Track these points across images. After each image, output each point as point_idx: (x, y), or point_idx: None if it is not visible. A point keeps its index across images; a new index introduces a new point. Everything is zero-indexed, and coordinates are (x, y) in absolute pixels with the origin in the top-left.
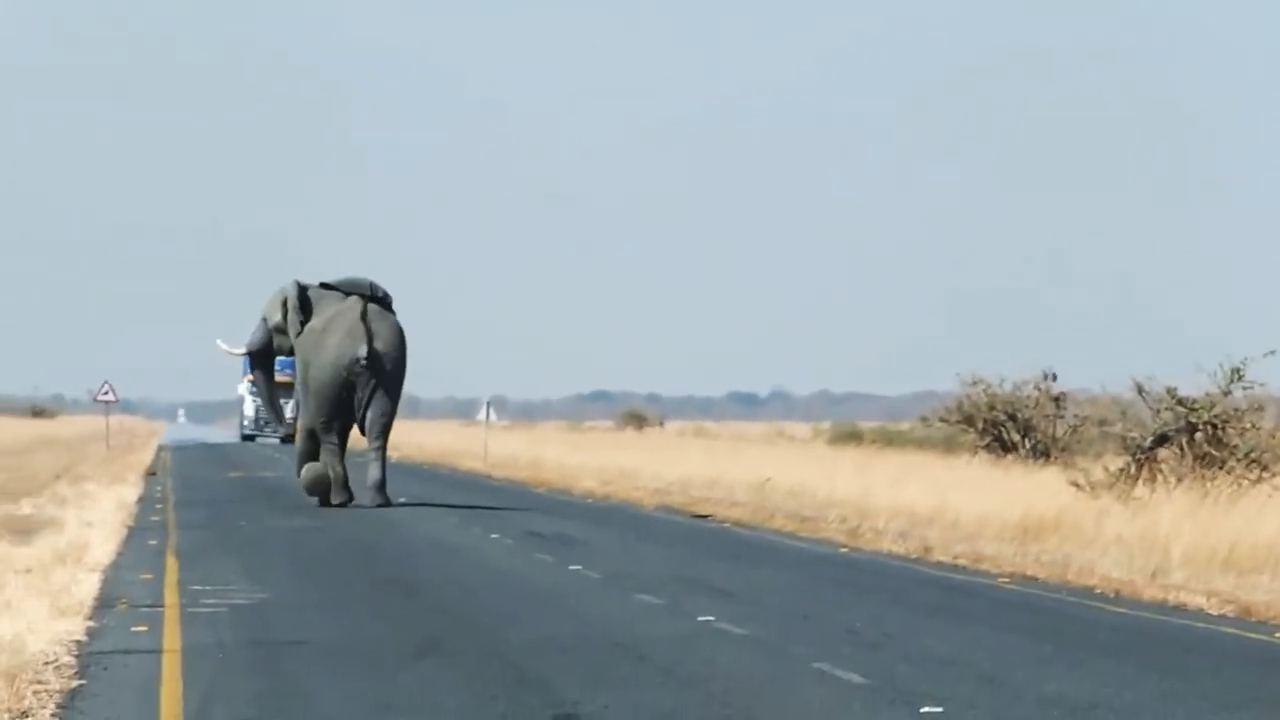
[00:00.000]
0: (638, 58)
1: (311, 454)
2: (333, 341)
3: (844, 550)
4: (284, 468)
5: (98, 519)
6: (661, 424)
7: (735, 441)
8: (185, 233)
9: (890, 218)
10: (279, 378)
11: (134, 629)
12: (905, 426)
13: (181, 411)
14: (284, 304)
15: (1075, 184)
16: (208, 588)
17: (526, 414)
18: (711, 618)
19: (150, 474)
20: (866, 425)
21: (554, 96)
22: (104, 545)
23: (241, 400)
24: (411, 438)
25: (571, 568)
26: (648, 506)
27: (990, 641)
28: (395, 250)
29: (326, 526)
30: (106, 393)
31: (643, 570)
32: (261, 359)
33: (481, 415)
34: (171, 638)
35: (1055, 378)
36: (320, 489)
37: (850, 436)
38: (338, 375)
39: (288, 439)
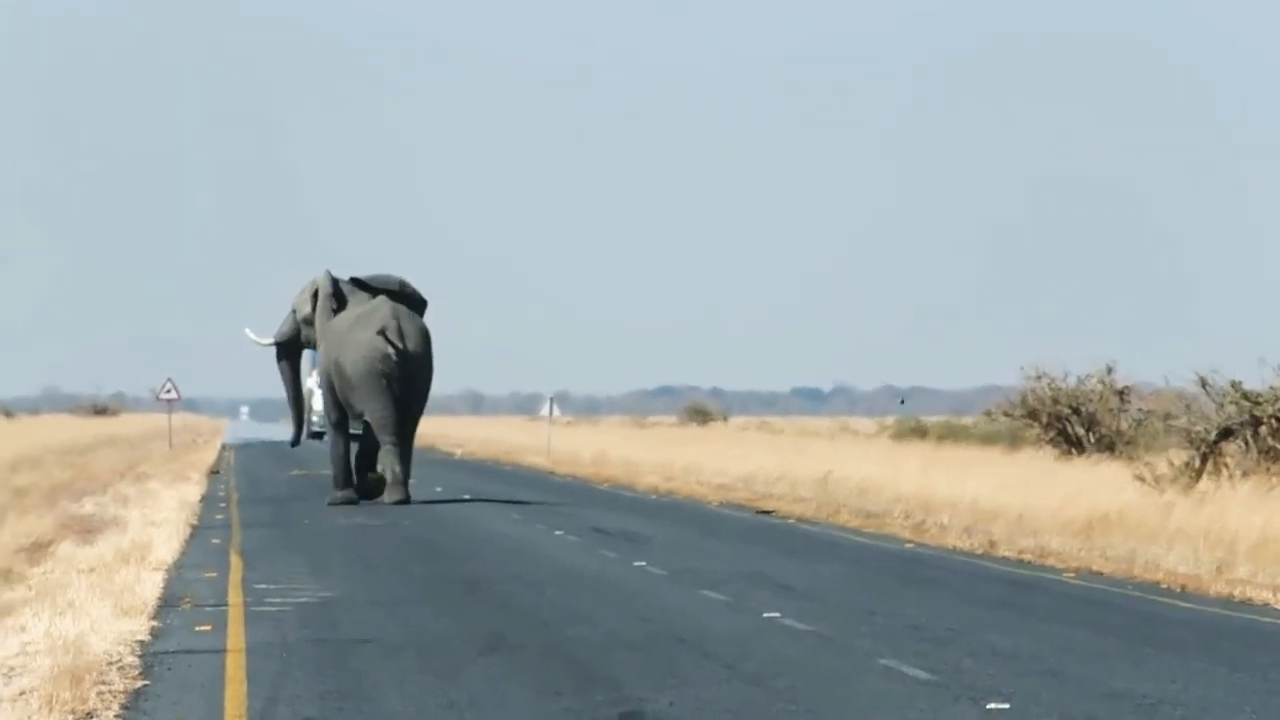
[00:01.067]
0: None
1: (346, 450)
2: (364, 338)
3: (909, 546)
4: None
5: (161, 518)
6: (725, 419)
7: (799, 437)
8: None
9: (951, 212)
10: None
11: (198, 628)
12: (969, 421)
13: (244, 409)
14: (314, 295)
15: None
16: (272, 586)
17: (590, 409)
18: (776, 613)
19: (213, 472)
20: (931, 420)
21: (616, 94)
22: (167, 544)
23: (309, 395)
24: (475, 433)
25: (636, 564)
26: (712, 502)
27: (1055, 637)
28: (458, 246)
29: (390, 524)
30: (169, 390)
31: (707, 566)
32: (289, 350)
33: (545, 411)
34: (236, 637)
35: (1112, 371)
36: (380, 490)
37: (914, 431)
38: (373, 369)
39: (356, 436)
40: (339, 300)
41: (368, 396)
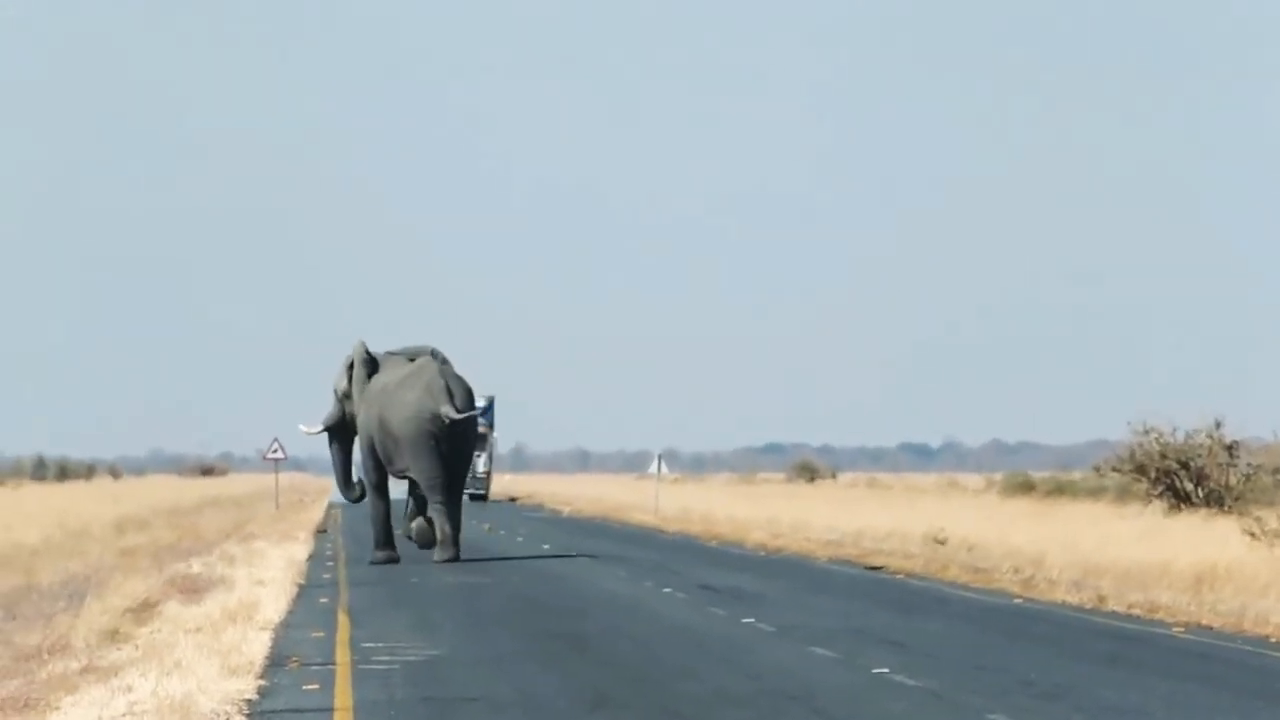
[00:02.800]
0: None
1: (387, 512)
2: (411, 397)
3: (1018, 601)
4: None
5: (268, 577)
6: (833, 476)
7: (907, 492)
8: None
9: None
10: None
11: (305, 687)
12: (1078, 476)
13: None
14: (349, 367)
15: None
16: (379, 644)
17: (697, 467)
18: (886, 669)
19: (320, 531)
20: (1038, 475)
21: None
22: (274, 603)
23: None
24: (582, 491)
25: (744, 620)
26: (820, 558)
27: (1165, 691)
28: (564, 306)
29: (497, 581)
30: (276, 450)
31: (816, 622)
32: (338, 433)
33: (653, 468)
34: (343, 695)
35: (1220, 425)
36: (428, 541)
37: (1022, 487)
38: (421, 428)
39: (476, 497)
40: (372, 366)
41: (416, 456)
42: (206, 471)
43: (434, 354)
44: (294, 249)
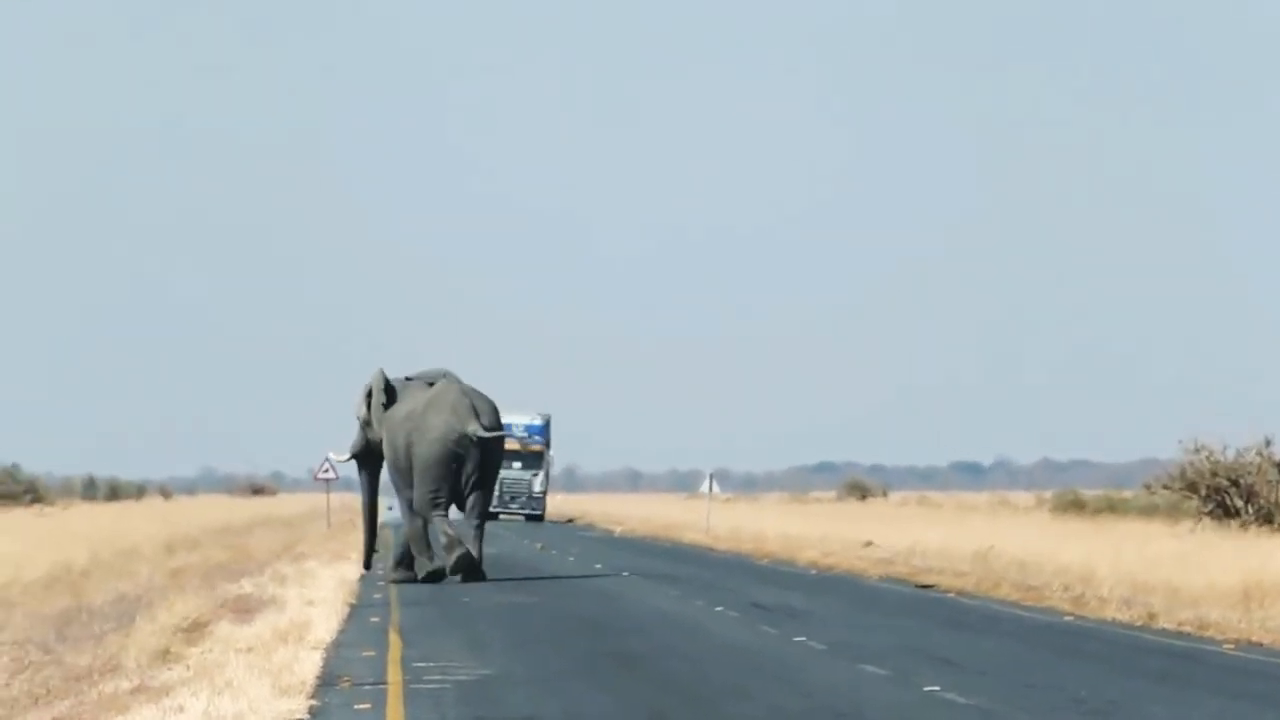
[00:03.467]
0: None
1: (423, 530)
2: (438, 420)
3: (1068, 618)
4: (506, 543)
5: (319, 597)
6: (885, 494)
7: (958, 511)
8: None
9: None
10: (523, 446)
11: (357, 707)
12: (1128, 494)
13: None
14: (368, 395)
15: None
16: (431, 664)
17: (749, 486)
18: (937, 687)
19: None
20: (1089, 493)
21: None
22: (326, 623)
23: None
24: (634, 511)
25: (796, 639)
26: (871, 577)
27: (1215, 708)
28: (614, 325)
29: (549, 601)
30: (327, 470)
31: (867, 640)
32: (366, 460)
33: (704, 488)
34: (395, 715)
35: (1270, 443)
36: (464, 565)
37: (1073, 505)
38: (447, 450)
39: (533, 517)
40: (390, 394)
41: (445, 477)
42: (257, 491)
43: (446, 375)
44: (345, 271)
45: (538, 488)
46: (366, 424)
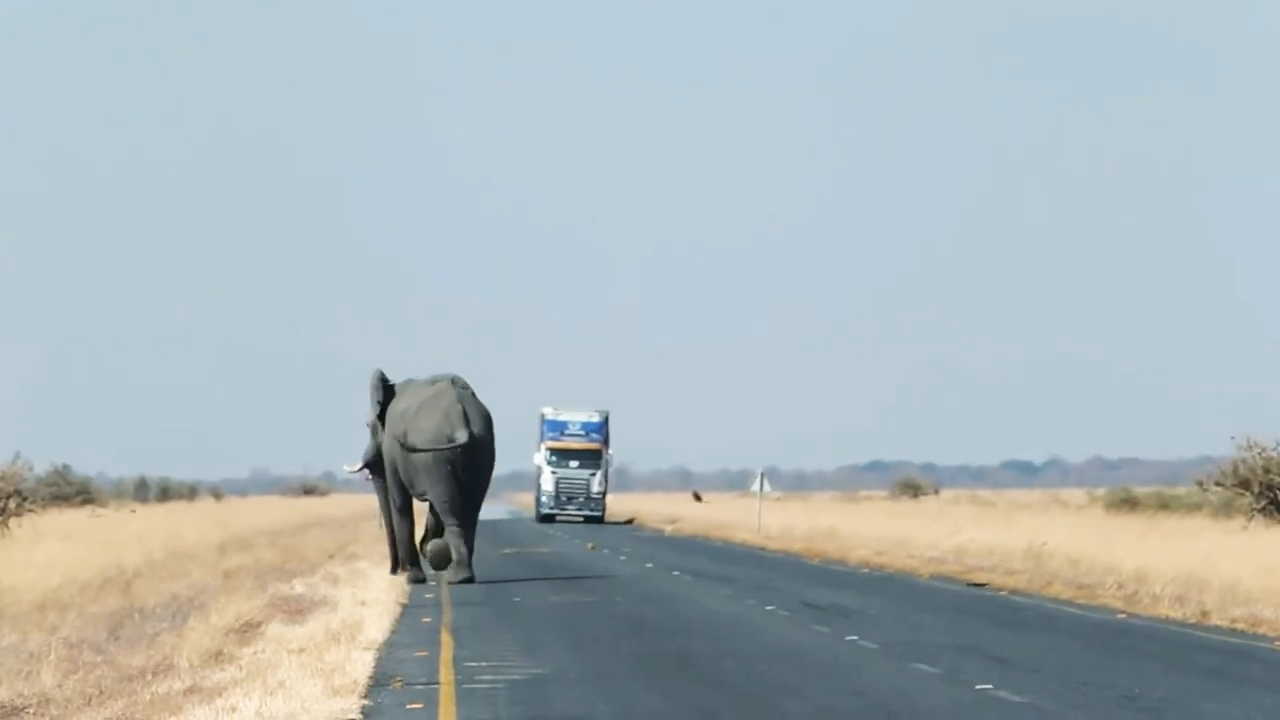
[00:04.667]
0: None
1: (408, 534)
2: (429, 423)
3: (1120, 616)
4: (559, 543)
5: (371, 597)
6: (936, 493)
7: (1010, 509)
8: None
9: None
10: (581, 444)
11: (409, 707)
12: (1181, 491)
13: None
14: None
15: None
16: (483, 664)
17: (800, 485)
18: (989, 686)
19: (424, 552)
20: (1141, 490)
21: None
22: (378, 623)
23: (539, 473)
24: (685, 510)
25: (848, 638)
26: (923, 575)
27: (1268, 705)
28: (666, 323)
29: (601, 600)
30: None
31: (919, 639)
32: (378, 467)
33: (755, 486)
34: (447, 715)
35: None
36: (443, 562)
37: (1125, 502)
38: (434, 454)
39: (592, 518)
40: (388, 393)
41: (432, 481)
42: (309, 492)
43: (453, 380)
44: (396, 272)
45: (596, 487)
46: (370, 427)
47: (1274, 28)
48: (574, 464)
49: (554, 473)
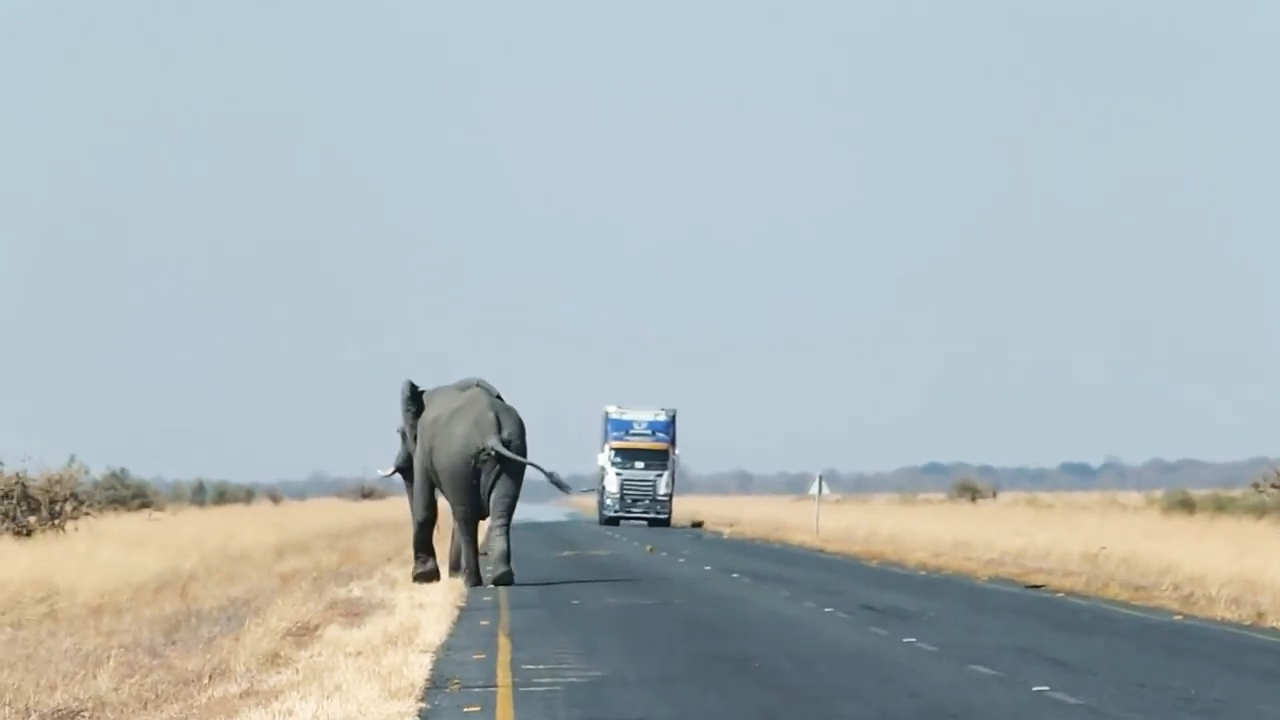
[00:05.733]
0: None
1: (427, 541)
2: (460, 431)
3: (1177, 617)
4: (618, 545)
5: (429, 600)
6: (994, 495)
7: (1068, 511)
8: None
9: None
10: (647, 444)
11: (466, 710)
12: (1238, 493)
13: None
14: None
15: None
16: (540, 666)
17: (858, 487)
18: (1046, 687)
19: (481, 554)
20: (1199, 493)
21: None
22: (435, 626)
23: (601, 475)
24: (743, 512)
25: (906, 640)
26: (981, 577)
27: None
28: (726, 328)
29: (659, 603)
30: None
31: (977, 641)
32: (409, 473)
33: (813, 489)
34: (504, 718)
35: None
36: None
37: (1182, 504)
38: (466, 464)
39: (657, 522)
40: (417, 403)
41: (464, 489)
42: (366, 495)
43: (482, 385)
44: (452, 274)
45: (663, 489)
46: (402, 434)
47: None
48: (639, 465)
49: (619, 474)
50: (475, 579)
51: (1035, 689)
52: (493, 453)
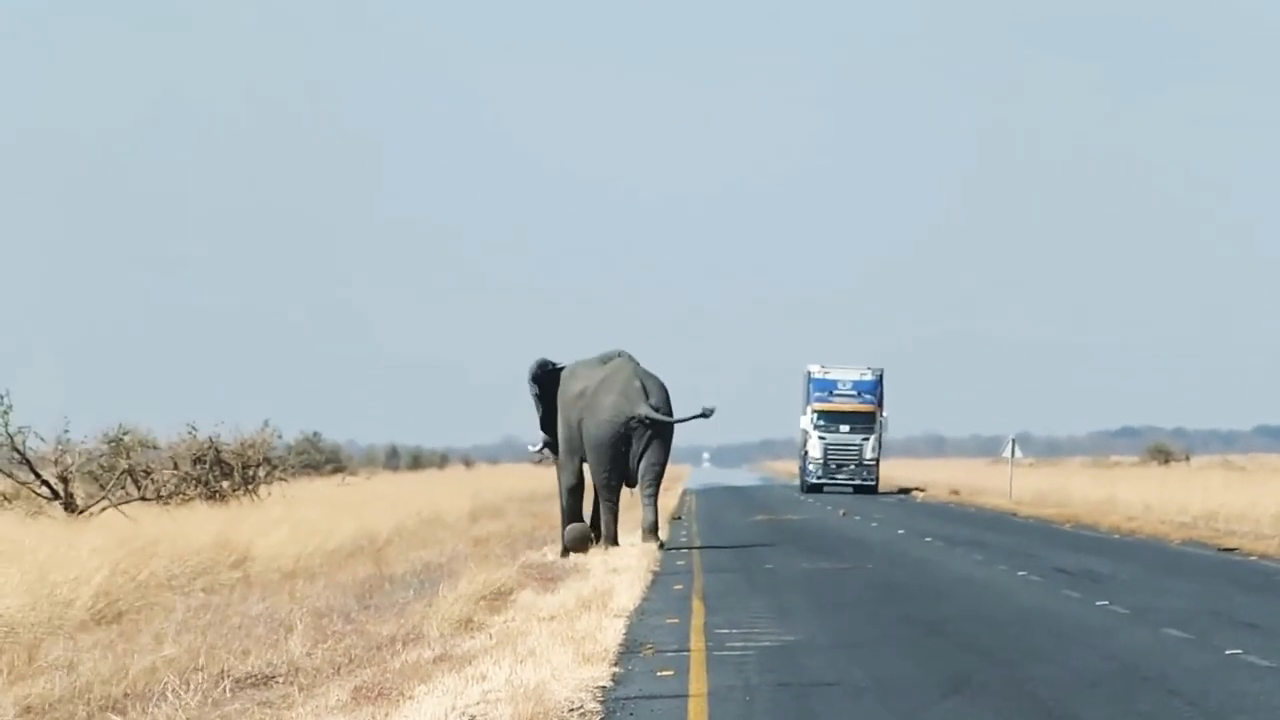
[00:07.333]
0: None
1: (575, 510)
2: (608, 401)
3: None
4: (811, 510)
5: (622, 564)
6: (1187, 458)
7: (1262, 474)
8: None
9: None
10: (852, 405)
11: (659, 674)
12: None
13: (706, 455)
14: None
15: None
16: (734, 630)
17: (1051, 451)
18: (1239, 651)
19: (675, 518)
20: None
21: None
22: (629, 591)
23: (804, 439)
24: (936, 476)
25: (1099, 603)
26: (1174, 540)
27: None
28: (924, 295)
29: (852, 567)
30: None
31: (1170, 604)
32: (556, 447)
33: (1006, 452)
34: (697, 682)
35: None
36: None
37: None
38: (616, 432)
39: (864, 488)
40: (550, 378)
41: (615, 459)
42: None
43: (623, 354)
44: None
45: (869, 454)
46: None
47: None
48: (844, 428)
49: (822, 438)
50: (654, 539)
51: (1229, 652)
52: (646, 420)
